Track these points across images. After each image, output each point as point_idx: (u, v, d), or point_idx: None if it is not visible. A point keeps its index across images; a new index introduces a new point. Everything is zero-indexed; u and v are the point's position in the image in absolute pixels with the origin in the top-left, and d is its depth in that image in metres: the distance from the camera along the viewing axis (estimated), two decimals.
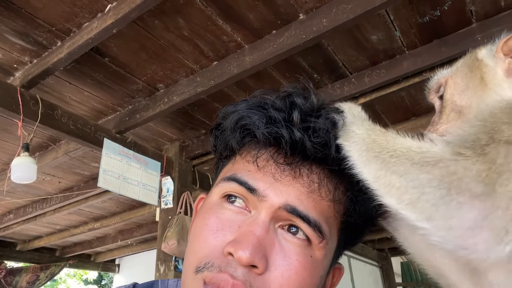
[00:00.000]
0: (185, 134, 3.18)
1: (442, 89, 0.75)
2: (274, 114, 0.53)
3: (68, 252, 6.33)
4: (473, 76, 0.69)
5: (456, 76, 0.73)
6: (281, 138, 0.52)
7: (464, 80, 0.70)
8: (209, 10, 1.95)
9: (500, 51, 0.67)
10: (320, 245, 0.52)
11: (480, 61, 0.69)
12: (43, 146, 3.21)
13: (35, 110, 2.29)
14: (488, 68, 0.67)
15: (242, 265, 0.47)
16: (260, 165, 0.54)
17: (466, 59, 0.74)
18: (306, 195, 0.52)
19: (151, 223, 5.29)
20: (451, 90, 0.72)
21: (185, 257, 0.55)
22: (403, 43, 2.24)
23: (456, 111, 0.68)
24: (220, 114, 0.60)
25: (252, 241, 0.48)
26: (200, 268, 0.49)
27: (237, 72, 2.20)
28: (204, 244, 0.51)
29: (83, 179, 3.86)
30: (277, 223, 0.52)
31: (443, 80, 0.75)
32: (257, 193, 0.52)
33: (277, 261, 0.49)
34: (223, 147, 0.60)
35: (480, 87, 0.67)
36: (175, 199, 3.06)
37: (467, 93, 0.68)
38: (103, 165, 2.59)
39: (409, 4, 1.98)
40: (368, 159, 0.52)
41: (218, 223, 0.52)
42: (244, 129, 0.55)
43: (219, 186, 0.56)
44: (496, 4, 1.94)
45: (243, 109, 0.56)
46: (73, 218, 4.98)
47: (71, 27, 2.02)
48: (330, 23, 1.91)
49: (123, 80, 2.47)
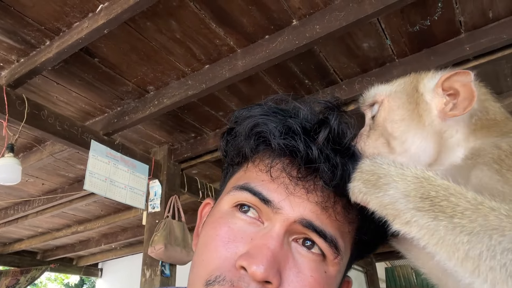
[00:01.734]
0: (174, 137, 3.15)
1: (376, 107, 0.68)
2: (293, 125, 0.51)
3: (50, 255, 6.18)
4: (410, 109, 0.62)
5: (393, 101, 0.65)
6: (297, 152, 0.50)
7: (400, 110, 0.63)
8: (202, 13, 1.95)
9: (440, 85, 0.61)
10: (335, 261, 0.51)
11: (420, 94, 0.62)
12: (27, 147, 3.14)
13: (21, 110, 2.23)
14: (426, 105, 0.61)
15: (255, 280, 0.45)
16: (273, 176, 0.52)
17: (406, 84, 0.66)
18: (322, 210, 0.50)
19: (136, 227, 5.22)
20: (385, 115, 0.64)
21: (192, 267, 0.52)
22: (394, 51, 2.27)
23: (386, 138, 0.62)
24: (232, 118, 0.58)
25: (266, 255, 0.46)
26: (211, 282, 0.46)
27: (229, 76, 2.19)
28: (215, 255, 0.49)
29: (68, 181, 3.78)
30: (291, 236, 0.50)
31: (380, 99, 0.67)
32: (271, 204, 0.50)
33: (290, 276, 0.47)
34: (235, 153, 0.58)
35: (414, 125, 0.60)
36: (162, 203, 3.02)
37: (401, 126, 0.61)
38: (90, 167, 2.54)
39: (400, 13, 2.00)
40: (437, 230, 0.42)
41: (229, 233, 0.50)
42: (259, 137, 0.53)
43: (231, 195, 0.53)
44: (484, 16, 1.99)
45: (258, 114, 0.54)
46: (56, 221, 4.87)
47: (61, 26, 1.98)
48: (323, 29, 1.92)
49: (113, 81, 2.43)
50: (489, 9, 1.96)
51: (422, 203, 0.43)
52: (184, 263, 2.91)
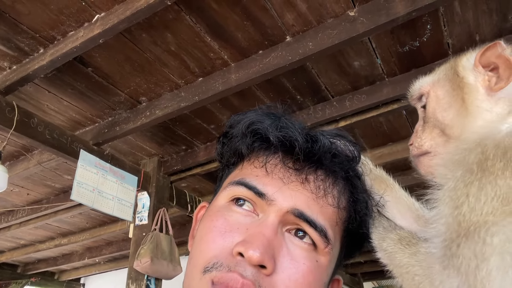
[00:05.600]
0: (165, 149, 3.14)
1: (424, 99, 0.70)
2: (287, 122, 0.55)
3: (31, 269, 6.00)
4: (456, 95, 0.64)
5: (438, 89, 0.67)
6: (296, 142, 0.53)
7: (446, 98, 0.65)
8: (198, 26, 1.97)
9: (478, 64, 0.62)
10: (325, 250, 0.53)
11: (461, 79, 0.64)
12: (14, 155, 3.09)
13: (10, 117, 2.21)
14: (470, 88, 0.62)
15: (251, 264, 0.47)
16: (269, 170, 0.55)
17: (447, 71, 0.68)
18: (313, 201, 0.53)
19: (122, 241, 5.12)
20: (433, 105, 0.67)
21: (190, 259, 0.54)
22: (384, 70, 2.32)
23: (440, 128, 0.64)
24: (227, 123, 0.61)
25: (262, 241, 0.48)
26: (209, 268, 0.49)
27: (222, 89, 2.21)
28: (212, 245, 0.51)
29: (54, 191, 3.72)
30: (285, 227, 0.53)
31: (425, 91, 0.70)
32: (265, 197, 0.53)
33: (284, 263, 0.50)
34: (231, 153, 0.61)
35: (462, 109, 0.62)
36: (150, 215, 2.99)
37: (451, 113, 0.63)
38: (78, 177, 2.51)
39: (390, 33, 2.06)
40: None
41: (226, 225, 0.52)
42: (255, 133, 0.56)
43: (227, 190, 0.56)
44: (471, 39, 2.06)
45: (254, 115, 0.58)
46: (39, 233, 4.76)
47: (55, 34, 1.99)
48: (316, 46, 1.96)
49: (105, 91, 2.43)
50: (476, 32, 2.03)
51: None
52: (171, 277, 2.86)
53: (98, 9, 1.85)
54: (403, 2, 1.76)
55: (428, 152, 0.66)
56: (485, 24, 1.98)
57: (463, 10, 1.91)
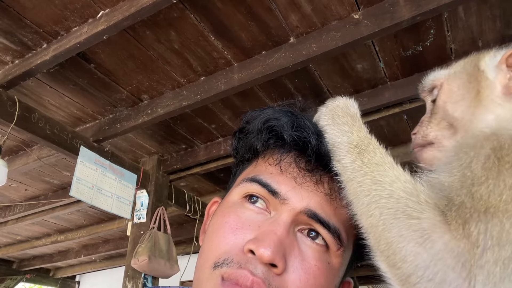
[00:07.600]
0: (165, 148, 3.13)
1: (436, 92, 0.70)
2: (304, 121, 0.55)
3: (26, 265, 5.97)
4: (471, 88, 0.63)
5: (453, 82, 0.67)
6: (308, 143, 0.53)
7: (460, 90, 0.65)
8: (202, 25, 1.97)
9: (504, 62, 0.62)
10: (337, 252, 0.52)
11: (481, 72, 0.64)
12: (13, 150, 3.07)
13: (11, 111, 2.20)
14: (488, 82, 0.62)
15: (262, 262, 0.47)
16: (283, 168, 0.54)
17: (466, 64, 0.68)
18: (327, 202, 0.53)
19: (119, 239, 5.10)
20: (445, 97, 0.67)
21: (200, 254, 0.54)
22: (386, 74, 2.33)
23: (448, 121, 0.64)
24: (244, 119, 0.61)
25: (274, 239, 0.48)
26: (219, 264, 0.48)
27: (224, 88, 2.21)
28: (224, 240, 0.50)
29: (52, 188, 3.70)
30: (297, 227, 0.52)
31: (439, 83, 0.70)
32: (279, 196, 0.52)
33: (295, 263, 0.49)
34: (246, 149, 0.61)
35: (475, 102, 0.62)
36: (149, 213, 2.98)
37: (462, 105, 0.63)
38: (77, 173, 2.50)
39: (394, 37, 2.07)
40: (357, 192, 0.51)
41: (238, 221, 0.52)
42: (271, 130, 0.56)
43: (241, 187, 0.56)
44: (474, 44, 2.06)
45: (270, 112, 0.57)
46: (36, 229, 4.74)
47: (59, 30, 1.99)
48: (319, 48, 1.97)
49: (107, 88, 2.43)
50: (479, 38, 2.04)
51: (353, 149, 0.53)
52: (168, 276, 2.85)
53: (103, 5, 1.85)
54: (407, 6, 1.76)
55: (432, 143, 0.65)
56: (488, 30, 1.99)
57: (467, 15, 1.92)
